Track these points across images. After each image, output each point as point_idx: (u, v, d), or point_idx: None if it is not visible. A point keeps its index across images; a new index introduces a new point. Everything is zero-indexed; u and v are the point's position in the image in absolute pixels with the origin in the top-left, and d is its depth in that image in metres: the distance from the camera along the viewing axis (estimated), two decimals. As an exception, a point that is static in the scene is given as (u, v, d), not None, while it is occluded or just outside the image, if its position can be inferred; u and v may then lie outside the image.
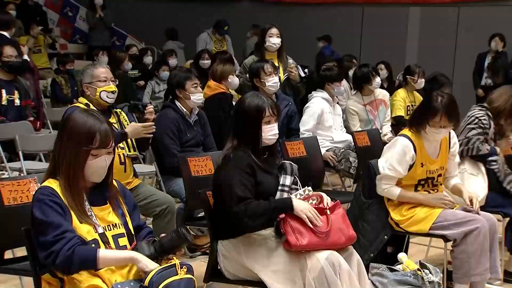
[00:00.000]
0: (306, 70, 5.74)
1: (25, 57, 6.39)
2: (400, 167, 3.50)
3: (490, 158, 4.01)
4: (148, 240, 2.38)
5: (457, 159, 3.74)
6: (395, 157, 3.51)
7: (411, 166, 3.53)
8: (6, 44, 5.85)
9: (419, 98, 6.71)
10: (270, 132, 3.00)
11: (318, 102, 5.42)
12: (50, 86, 8.14)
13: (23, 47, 6.50)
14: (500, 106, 4.06)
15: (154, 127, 3.89)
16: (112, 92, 3.85)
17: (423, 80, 6.57)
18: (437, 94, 3.51)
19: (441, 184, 3.68)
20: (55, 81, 8.01)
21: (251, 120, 2.97)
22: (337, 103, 5.66)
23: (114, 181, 2.49)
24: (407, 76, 6.57)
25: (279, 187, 2.93)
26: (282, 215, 2.81)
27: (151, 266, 2.26)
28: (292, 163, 3.02)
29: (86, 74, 3.89)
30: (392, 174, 3.52)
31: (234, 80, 5.71)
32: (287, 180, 2.95)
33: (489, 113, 4.10)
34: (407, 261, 3.34)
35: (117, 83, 3.97)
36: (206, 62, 7.49)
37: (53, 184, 2.32)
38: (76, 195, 2.31)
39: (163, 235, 2.39)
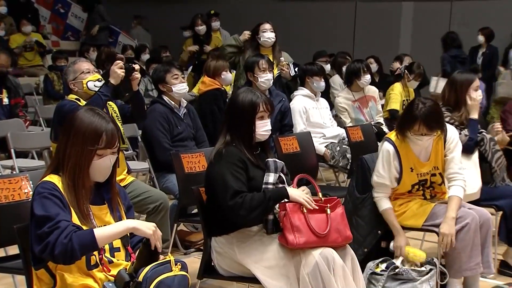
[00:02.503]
0: (296, 69, 5.74)
1: None
2: (386, 172, 3.47)
3: (478, 139, 3.98)
4: (125, 266, 2.35)
5: (455, 153, 3.59)
6: (380, 163, 3.51)
7: (401, 175, 3.49)
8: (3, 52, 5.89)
9: (413, 94, 6.71)
10: (263, 128, 2.99)
11: (298, 100, 5.46)
12: (43, 83, 8.10)
13: None
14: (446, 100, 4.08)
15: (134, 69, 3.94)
16: (98, 80, 3.84)
17: (416, 82, 6.57)
18: (418, 101, 3.42)
19: (440, 184, 3.60)
20: (48, 77, 7.99)
21: (245, 115, 2.96)
22: (321, 96, 5.69)
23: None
24: (405, 71, 6.55)
25: (263, 186, 2.91)
26: (284, 211, 2.81)
27: (149, 230, 2.23)
28: (277, 160, 3.00)
29: (69, 72, 3.89)
30: (380, 181, 3.49)
31: (227, 76, 5.71)
32: (270, 178, 2.92)
33: None
34: (410, 251, 3.34)
35: (101, 73, 3.97)
36: (201, 28, 7.53)
37: (54, 179, 2.31)
38: (79, 194, 2.30)
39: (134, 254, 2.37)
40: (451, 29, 10.26)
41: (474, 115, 4.00)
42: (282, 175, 2.97)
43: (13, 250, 2.92)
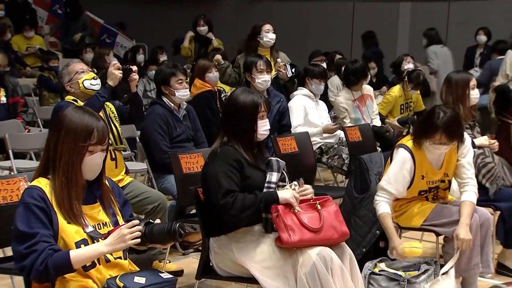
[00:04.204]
0: (293, 70, 5.74)
1: None
2: (396, 181, 3.41)
3: None
4: (143, 220, 2.37)
5: (468, 158, 3.54)
6: (394, 171, 3.44)
7: (412, 182, 3.46)
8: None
9: (416, 95, 6.64)
10: (264, 127, 3.01)
11: (298, 98, 5.50)
12: (39, 82, 8.08)
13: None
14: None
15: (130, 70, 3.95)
16: (94, 78, 3.84)
17: (415, 91, 6.53)
18: (439, 110, 3.36)
19: (444, 189, 3.57)
20: (44, 76, 7.98)
21: (247, 115, 2.97)
22: (320, 98, 5.69)
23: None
24: (405, 78, 6.48)
25: (266, 184, 2.93)
26: (276, 212, 2.81)
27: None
28: (279, 160, 3.02)
29: (64, 74, 3.90)
30: (387, 187, 3.42)
31: (212, 77, 5.71)
32: (273, 177, 2.94)
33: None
34: (406, 246, 3.29)
35: (96, 71, 3.97)
36: (203, 29, 7.53)
37: (42, 183, 2.31)
38: (72, 192, 2.30)
39: (158, 221, 2.38)
40: (448, 29, 10.29)
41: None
42: (284, 174, 2.99)
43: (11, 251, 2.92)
